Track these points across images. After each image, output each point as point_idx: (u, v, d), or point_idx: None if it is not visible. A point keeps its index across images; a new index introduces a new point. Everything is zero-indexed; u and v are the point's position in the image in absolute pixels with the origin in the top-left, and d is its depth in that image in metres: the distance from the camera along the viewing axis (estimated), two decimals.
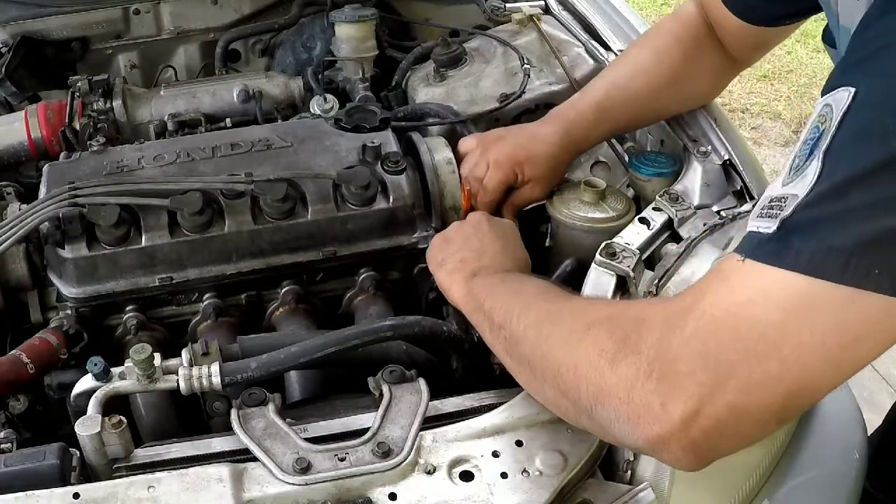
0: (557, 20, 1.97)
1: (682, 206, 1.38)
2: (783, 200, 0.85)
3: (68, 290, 1.40)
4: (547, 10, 2.03)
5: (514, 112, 1.81)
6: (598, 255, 1.28)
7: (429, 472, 1.07)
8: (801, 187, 0.83)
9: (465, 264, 1.29)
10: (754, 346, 0.83)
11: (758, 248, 0.85)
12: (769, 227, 0.85)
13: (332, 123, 1.62)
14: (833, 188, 0.81)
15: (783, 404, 0.85)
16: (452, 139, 1.66)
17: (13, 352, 1.32)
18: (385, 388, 1.15)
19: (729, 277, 0.87)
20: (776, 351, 0.82)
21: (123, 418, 1.10)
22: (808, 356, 0.82)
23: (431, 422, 1.13)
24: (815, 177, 0.82)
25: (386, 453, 1.07)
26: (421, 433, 1.10)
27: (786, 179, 0.87)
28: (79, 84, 1.85)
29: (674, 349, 0.86)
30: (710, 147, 1.51)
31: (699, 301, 0.87)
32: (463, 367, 1.33)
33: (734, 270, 0.87)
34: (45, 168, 1.52)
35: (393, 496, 1.04)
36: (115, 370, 1.17)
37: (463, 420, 1.13)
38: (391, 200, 1.47)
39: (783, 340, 0.82)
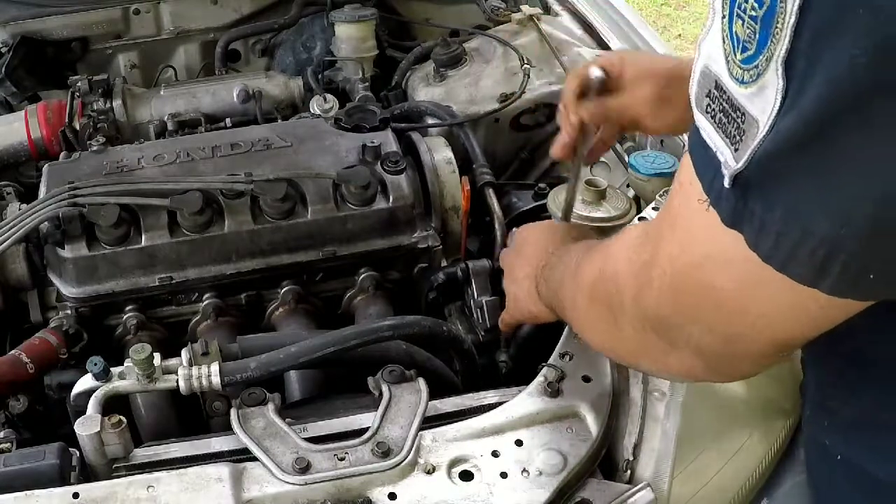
0: (558, 20, 1.97)
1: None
2: (741, 116, 0.64)
3: (68, 290, 1.40)
4: (547, 10, 2.03)
5: (514, 112, 1.81)
6: None
7: (428, 472, 1.07)
8: (761, 109, 0.61)
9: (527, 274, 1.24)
10: (715, 311, 0.76)
11: (717, 201, 0.69)
12: (727, 164, 0.65)
13: (332, 123, 1.62)
14: (805, 125, 0.59)
15: (773, 346, 0.78)
16: (451, 139, 1.66)
17: (13, 352, 1.32)
18: (385, 388, 1.15)
19: (682, 226, 0.76)
20: (741, 317, 0.74)
21: (123, 418, 1.10)
22: (775, 322, 0.73)
23: (431, 421, 1.13)
24: (779, 98, 0.60)
25: (385, 453, 1.07)
26: (420, 433, 1.10)
27: (732, 65, 0.64)
28: (79, 84, 1.85)
29: (652, 306, 0.83)
30: None
31: (657, 255, 0.80)
32: (463, 366, 1.33)
33: (687, 216, 0.74)
34: (45, 168, 1.52)
35: (392, 496, 1.04)
36: (115, 370, 1.17)
37: (463, 420, 1.13)
38: (391, 200, 1.47)
39: (745, 310, 0.74)
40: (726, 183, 0.66)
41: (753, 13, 0.61)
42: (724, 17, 0.65)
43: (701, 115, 0.70)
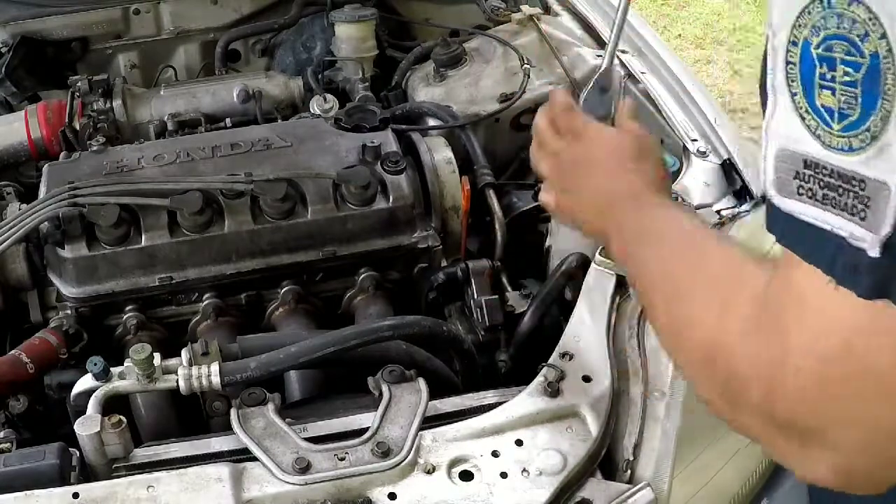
0: (558, 20, 1.97)
1: (682, 206, 1.38)
2: (859, 184, 0.60)
3: (68, 290, 1.40)
4: (547, 10, 2.03)
5: (514, 112, 1.81)
6: (597, 255, 1.28)
7: (428, 472, 1.07)
8: (889, 170, 0.58)
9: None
10: (873, 399, 0.66)
11: (851, 276, 0.62)
12: (856, 236, 0.61)
13: (332, 123, 1.62)
14: None
15: None
16: (451, 139, 1.66)
17: (13, 352, 1.32)
18: (385, 388, 1.15)
19: (814, 309, 0.67)
20: None
21: (123, 418, 1.11)
22: None
23: (431, 421, 1.13)
24: None
25: (385, 453, 1.07)
26: (420, 433, 1.10)
27: (828, 137, 0.62)
28: (79, 84, 1.85)
29: (788, 411, 0.71)
30: (710, 147, 1.51)
31: (786, 348, 0.68)
32: (463, 366, 1.33)
33: (816, 298, 0.66)
34: (45, 168, 1.52)
35: (392, 496, 1.04)
36: (115, 370, 1.17)
37: (463, 420, 1.13)
38: (391, 200, 1.47)
39: None
40: (873, 253, 0.60)
41: (848, 78, 0.59)
42: (794, 94, 0.63)
43: (793, 201, 0.65)
